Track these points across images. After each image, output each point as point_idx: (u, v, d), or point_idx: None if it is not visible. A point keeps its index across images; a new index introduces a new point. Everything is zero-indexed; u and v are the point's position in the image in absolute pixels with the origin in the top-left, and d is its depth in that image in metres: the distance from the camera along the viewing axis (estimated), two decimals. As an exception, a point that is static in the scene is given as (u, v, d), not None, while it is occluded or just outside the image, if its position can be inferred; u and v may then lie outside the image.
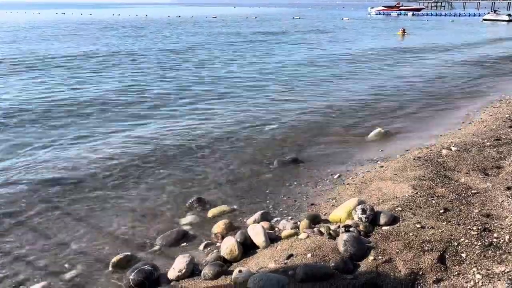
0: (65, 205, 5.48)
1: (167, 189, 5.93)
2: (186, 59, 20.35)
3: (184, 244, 4.56)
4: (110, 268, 4.09)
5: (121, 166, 6.75)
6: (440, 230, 3.69)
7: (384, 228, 3.89)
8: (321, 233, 3.94)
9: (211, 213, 5.20)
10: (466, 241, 3.50)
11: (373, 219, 4.03)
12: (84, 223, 5.03)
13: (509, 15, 59.93)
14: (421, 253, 3.40)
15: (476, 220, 3.87)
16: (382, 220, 4.00)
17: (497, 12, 65.03)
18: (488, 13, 65.67)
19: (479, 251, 3.36)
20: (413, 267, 3.25)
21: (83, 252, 4.45)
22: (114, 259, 4.15)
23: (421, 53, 22.96)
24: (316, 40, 31.10)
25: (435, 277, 3.13)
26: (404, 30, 36.78)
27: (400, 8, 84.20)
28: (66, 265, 4.22)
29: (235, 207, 5.36)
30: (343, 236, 3.64)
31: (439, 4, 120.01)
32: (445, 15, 78.26)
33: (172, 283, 3.71)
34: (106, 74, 15.75)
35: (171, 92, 12.56)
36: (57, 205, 5.49)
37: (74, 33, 36.29)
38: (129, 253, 4.27)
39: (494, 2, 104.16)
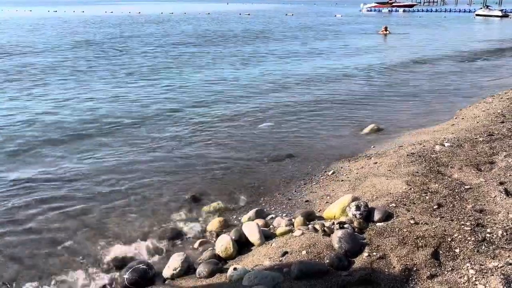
0: (58, 203, 5.45)
1: (161, 187, 5.90)
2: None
3: (179, 242, 4.55)
4: (105, 267, 4.08)
5: (115, 164, 6.73)
6: (433, 226, 3.70)
7: (378, 224, 3.90)
8: (315, 230, 3.95)
9: (205, 210, 5.20)
10: (460, 236, 3.52)
11: (367, 215, 4.04)
12: (77, 222, 5.00)
13: (501, 10, 59.90)
14: (415, 249, 3.42)
15: (470, 216, 3.89)
16: (376, 216, 4.01)
17: (489, 7, 64.97)
18: (480, 8, 65.62)
19: (472, 247, 3.38)
20: (407, 263, 3.26)
21: (76, 250, 4.42)
22: (109, 258, 4.14)
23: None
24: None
25: (429, 272, 3.15)
26: (386, 28, 33.01)
27: (392, 4, 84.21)
28: (59, 264, 4.19)
29: (229, 204, 5.36)
30: (338, 233, 3.65)
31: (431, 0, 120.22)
32: (436, 10, 78.35)
33: (167, 282, 3.71)
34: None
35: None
36: (50, 203, 5.46)
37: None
38: (123, 251, 4.26)
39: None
